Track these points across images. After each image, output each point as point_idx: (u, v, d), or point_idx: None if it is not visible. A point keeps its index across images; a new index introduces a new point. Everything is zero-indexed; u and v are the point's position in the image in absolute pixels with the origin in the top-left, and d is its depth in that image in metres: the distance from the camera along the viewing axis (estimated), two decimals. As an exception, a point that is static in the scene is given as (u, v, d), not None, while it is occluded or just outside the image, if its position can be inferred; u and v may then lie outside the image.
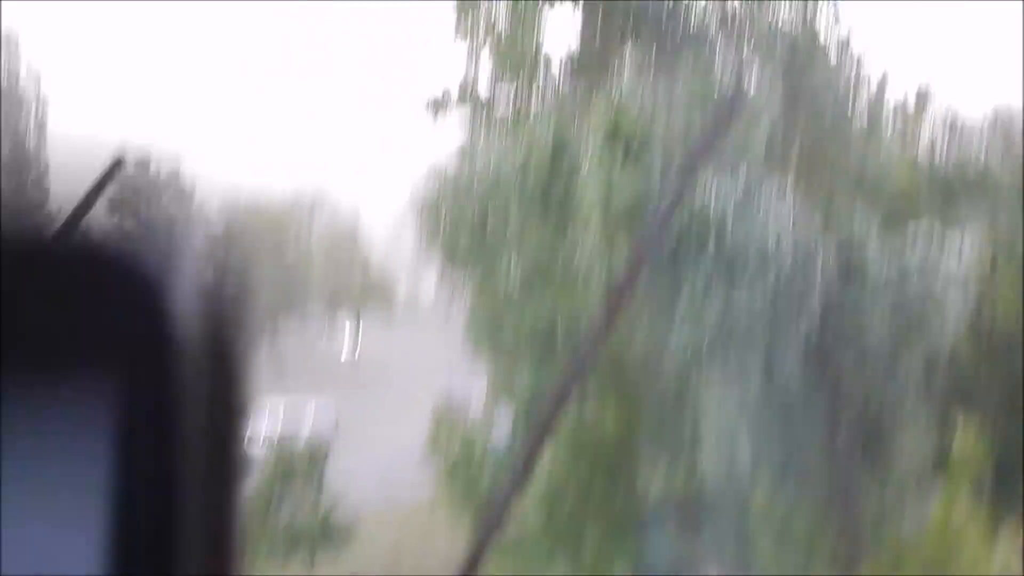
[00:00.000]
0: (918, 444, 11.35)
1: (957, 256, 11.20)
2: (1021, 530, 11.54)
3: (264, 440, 15.23)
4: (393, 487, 16.83)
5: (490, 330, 12.96)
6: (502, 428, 12.96)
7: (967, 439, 11.31)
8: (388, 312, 33.00)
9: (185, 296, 0.60)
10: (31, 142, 29.79)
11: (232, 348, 0.64)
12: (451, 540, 11.32)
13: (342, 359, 33.23)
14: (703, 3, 12.68)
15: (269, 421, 17.05)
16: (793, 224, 10.89)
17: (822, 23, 12.92)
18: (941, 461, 11.37)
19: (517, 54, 13.19)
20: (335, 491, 14.66)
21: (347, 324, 34.14)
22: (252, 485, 13.66)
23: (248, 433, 0.63)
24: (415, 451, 14.11)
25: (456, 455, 12.78)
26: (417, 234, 13.58)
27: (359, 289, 33.10)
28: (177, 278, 0.61)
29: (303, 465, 14.58)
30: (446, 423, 13.21)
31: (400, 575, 15.33)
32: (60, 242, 0.68)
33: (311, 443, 15.63)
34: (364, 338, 33.63)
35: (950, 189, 13.38)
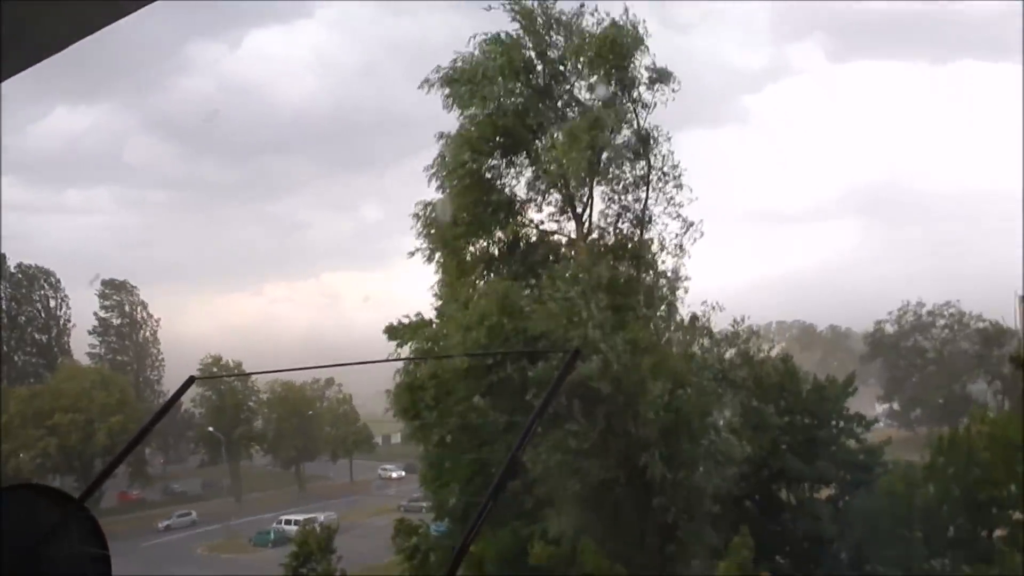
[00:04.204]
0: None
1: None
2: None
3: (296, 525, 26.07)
4: (373, 555, 27.91)
5: (436, 466, 23.46)
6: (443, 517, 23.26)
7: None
8: (370, 453, 46.89)
9: None
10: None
11: None
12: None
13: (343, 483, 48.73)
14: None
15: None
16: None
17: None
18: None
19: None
20: (340, 555, 24.91)
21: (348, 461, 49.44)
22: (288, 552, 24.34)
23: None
24: (387, 535, 24.45)
25: (410, 540, 22.94)
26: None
27: (352, 438, 45.79)
28: None
29: (321, 539, 24.80)
30: (405, 524, 23.52)
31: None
32: None
33: (325, 528, 25.88)
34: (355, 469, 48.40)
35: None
